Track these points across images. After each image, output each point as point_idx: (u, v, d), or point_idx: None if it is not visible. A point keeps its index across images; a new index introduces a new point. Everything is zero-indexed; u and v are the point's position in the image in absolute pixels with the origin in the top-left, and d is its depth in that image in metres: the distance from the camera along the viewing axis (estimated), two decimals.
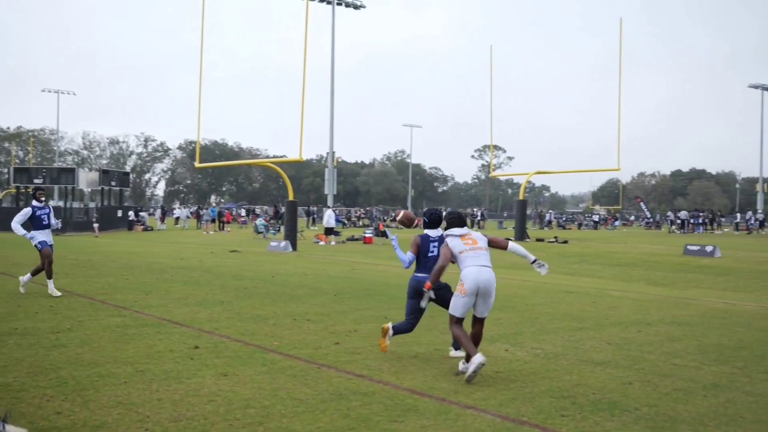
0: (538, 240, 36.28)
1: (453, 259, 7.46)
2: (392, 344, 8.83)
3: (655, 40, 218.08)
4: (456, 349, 8.28)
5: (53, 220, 13.19)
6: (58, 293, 12.67)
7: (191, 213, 67.14)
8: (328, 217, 35.85)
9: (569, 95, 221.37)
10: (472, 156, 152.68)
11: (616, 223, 77.90)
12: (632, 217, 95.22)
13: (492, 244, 7.65)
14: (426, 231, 8.41)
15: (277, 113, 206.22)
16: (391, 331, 8.18)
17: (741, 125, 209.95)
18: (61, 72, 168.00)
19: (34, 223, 12.97)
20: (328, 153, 41.91)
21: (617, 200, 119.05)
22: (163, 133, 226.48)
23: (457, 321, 7.36)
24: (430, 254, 8.27)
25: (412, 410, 5.98)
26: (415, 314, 8.21)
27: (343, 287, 15.06)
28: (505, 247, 7.67)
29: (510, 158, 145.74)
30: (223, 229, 50.36)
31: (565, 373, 7.45)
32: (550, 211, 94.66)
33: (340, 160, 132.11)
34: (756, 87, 77.22)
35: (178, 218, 62.63)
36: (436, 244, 8.31)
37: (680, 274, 20.06)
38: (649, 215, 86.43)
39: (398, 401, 6.24)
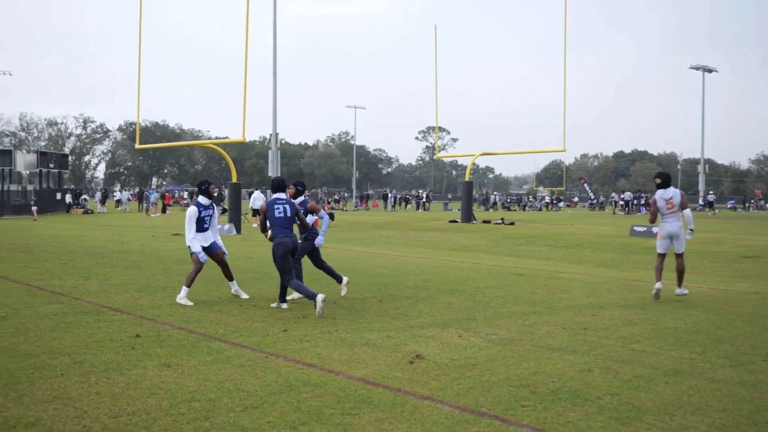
0: (485, 222, 36.25)
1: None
2: (342, 330, 8.58)
3: (599, 22, 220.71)
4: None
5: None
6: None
7: (132, 195, 66.06)
8: (254, 199, 35.41)
9: (513, 76, 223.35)
10: (416, 137, 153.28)
11: (560, 204, 78.62)
12: (576, 199, 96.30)
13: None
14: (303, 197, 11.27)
15: (219, 94, 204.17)
16: None
17: (682, 107, 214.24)
18: None
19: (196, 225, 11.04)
20: (271, 134, 41.18)
21: (560, 182, 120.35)
22: (103, 114, 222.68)
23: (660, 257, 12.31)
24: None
25: (366, 402, 5.70)
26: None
27: None
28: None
29: (454, 140, 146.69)
30: (165, 212, 49.44)
31: (522, 360, 7.22)
32: (495, 192, 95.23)
33: (283, 141, 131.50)
34: (698, 68, 77.81)
35: (119, 201, 61.55)
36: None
37: (628, 255, 20.11)
38: (592, 196, 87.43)
39: (351, 392, 5.95)
